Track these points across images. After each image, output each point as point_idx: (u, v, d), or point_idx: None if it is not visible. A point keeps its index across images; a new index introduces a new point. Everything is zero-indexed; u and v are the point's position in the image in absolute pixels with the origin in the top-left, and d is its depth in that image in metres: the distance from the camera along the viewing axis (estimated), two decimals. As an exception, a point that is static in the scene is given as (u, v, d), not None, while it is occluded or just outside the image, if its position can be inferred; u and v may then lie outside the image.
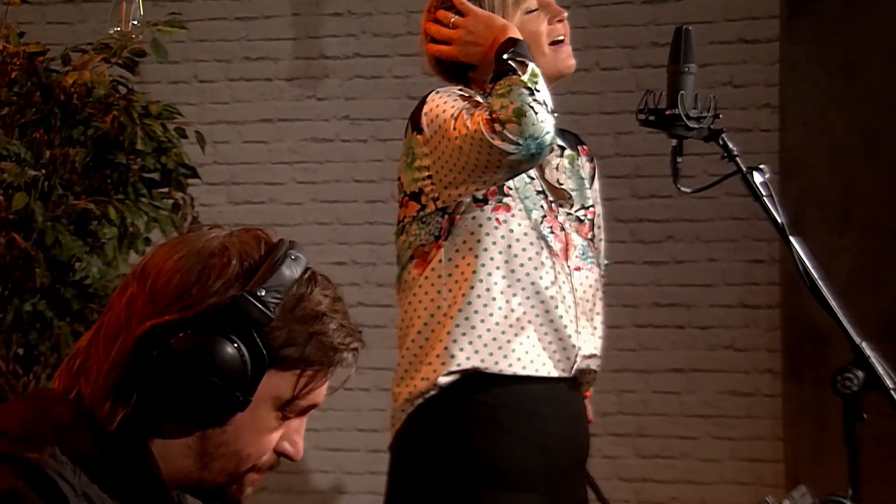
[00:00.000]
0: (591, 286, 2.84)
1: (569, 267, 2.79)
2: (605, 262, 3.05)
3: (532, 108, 2.60)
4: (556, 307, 2.74)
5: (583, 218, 2.89)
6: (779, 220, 2.47)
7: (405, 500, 2.78)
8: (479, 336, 2.72)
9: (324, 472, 4.51)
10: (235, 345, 1.59)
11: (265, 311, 1.60)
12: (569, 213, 2.85)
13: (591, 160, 2.97)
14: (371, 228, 4.61)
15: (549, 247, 2.76)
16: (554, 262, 2.76)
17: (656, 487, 3.82)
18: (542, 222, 2.77)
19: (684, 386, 4.28)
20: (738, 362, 4.28)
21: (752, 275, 4.30)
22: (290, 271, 1.63)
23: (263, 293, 1.60)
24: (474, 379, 2.71)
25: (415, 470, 2.76)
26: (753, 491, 4.09)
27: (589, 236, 2.89)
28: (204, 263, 1.63)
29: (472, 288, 2.72)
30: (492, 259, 2.73)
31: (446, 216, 2.77)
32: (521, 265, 2.73)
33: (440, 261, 2.77)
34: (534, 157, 2.64)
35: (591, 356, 2.83)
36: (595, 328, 2.86)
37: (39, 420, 1.59)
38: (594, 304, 2.86)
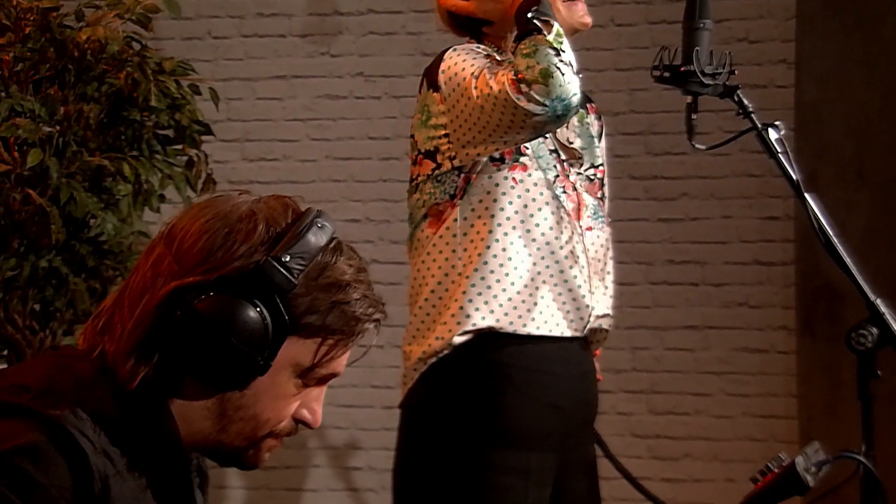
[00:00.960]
0: (602, 246, 2.85)
1: (581, 227, 2.79)
2: (608, 220, 3.06)
3: (559, 68, 2.59)
4: (571, 267, 2.74)
5: (592, 177, 2.88)
6: (794, 177, 2.47)
7: (416, 458, 2.78)
8: (495, 296, 2.72)
9: (338, 427, 4.53)
10: (258, 309, 1.60)
11: (289, 276, 1.61)
12: (579, 173, 2.85)
13: (598, 118, 2.96)
14: (385, 185, 4.60)
15: (562, 206, 2.76)
16: (567, 222, 2.76)
17: (670, 444, 3.84)
18: (555, 182, 2.77)
19: (698, 343, 4.29)
20: (753, 319, 4.28)
21: (767, 232, 4.29)
22: (316, 239, 1.64)
23: (288, 259, 1.61)
24: (488, 339, 2.71)
25: (426, 429, 2.76)
26: (767, 447, 4.10)
27: (598, 195, 2.88)
28: (230, 227, 1.64)
29: (487, 248, 2.72)
30: (508, 219, 2.73)
31: (462, 175, 2.76)
32: (537, 225, 2.73)
33: (455, 220, 2.76)
34: (559, 119, 2.63)
35: (604, 316, 2.83)
36: (606, 287, 2.87)
37: (61, 377, 1.61)
38: (605, 264, 2.86)
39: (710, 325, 4.29)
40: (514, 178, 2.74)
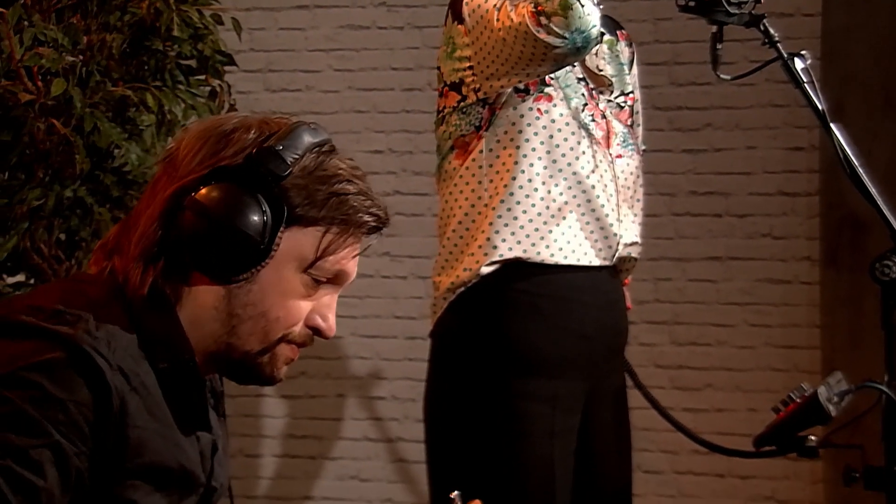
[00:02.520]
0: (632, 173, 2.84)
1: (610, 155, 2.79)
2: (643, 147, 3.04)
3: (578, 0, 2.58)
4: (598, 196, 2.74)
5: (623, 104, 2.87)
6: (819, 107, 2.46)
7: (445, 386, 2.82)
8: (521, 226, 2.73)
9: (362, 358, 4.55)
10: (255, 195, 1.63)
11: (282, 161, 1.64)
12: (609, 100, 2.84)
13: (629, 45, 2.94)
14: (408, 117, 4.59)
15: (590, 135, 2.76)
16: (595, 151, 2.76)
17: (692, 374, 3.85)
18: (583, 110, 2.76)
19: (721, 274, 4.28)
20: (776, 250, 4.27)
21: (792, 162, 4.27)
22: (310, 136, 1.68)
23: (281, 148, 1.65)
24: (515, 268, 2.73)
25: (455, 357, 2.79)
26: (789, 377, 4.10)
27: (629, 123, 2.88)
28: (224, 133, 1.69)
29: (513, 178, 2.73)
30: (533, 149, 2.73)
31: (487, 107, 2.76)
32: (563, 155, 2.73)
33: (481, 151, 2.78)
34: (579, 51, 2.62)
35: (632, 244, 2.83)
36: (636, 215, 2.87)
37: (74, 298, 1.63)
38: (635, 192, 2.86)
39: (734, 256, 4.28)
40: (538, 109, 2.73)
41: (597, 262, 2.76)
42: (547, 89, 2.74)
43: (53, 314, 1.59)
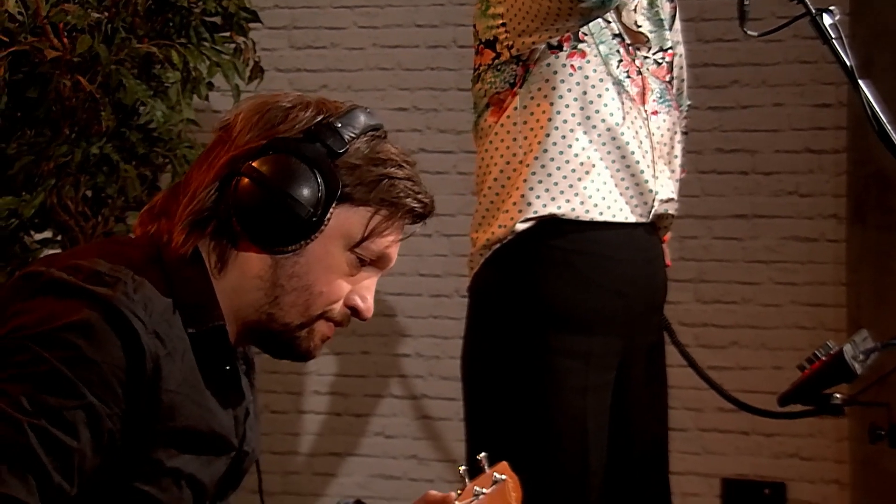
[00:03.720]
0: (668, 129, 2.84)
1: (645, 111, 2.79)
2: (688, 103, 3.05)
3: None
4: (632, 152, 2.74)
5: (660, 61, 2.87)
6: (848, 63, 2.44)
7: (482, 341, 2.83)
8: (556, 183, 2.73)
9: (387, 315, 4.56)
10: (311, 168, 1.65)
11: (340, 139, 1.66)
12: (646, 57, 2.83)
13: (671, 0, 2.93)
14: (433, 74, 4.58)
15: (625, 91, 2.76)
16: (630, 107, 2.75)
17: (717, 332, 3.84)
18: (618, 67, 2.76)
19: (747, 232, 4.26)
20: (802, 208, 4.25)
21: (819, 119, 4.24)
22: (367, 119, 1.71)
23: (339, 126, 1.66)
24: (550, 225, 2.73)
25: (491, 312, 2.81)
26: (815, 335, 4.10)
27: (667, 79, 2.87)
28: (283, 109, 1.70)
29: (547, 135, 2.73)
30: (567, 106, 2.72)
31: (521, 64, 2.77)
32: (597, 111, 2.73)
33: (515, 108, 2.78)
34: (604, 5, 2.62)
35: (669, 200, 2.83)
36: (673, 171, 2.87)
37: (113, 260, 1.64)
38: (672, 148, 2.86)
39: (760, 213, 4.26)
40: (572, 66, 2.73)
41: (633, 219, 2.76)
42: (580, 45, 2.73)
43: (92, 275, 1.60)
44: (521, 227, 2.73)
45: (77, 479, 1.53)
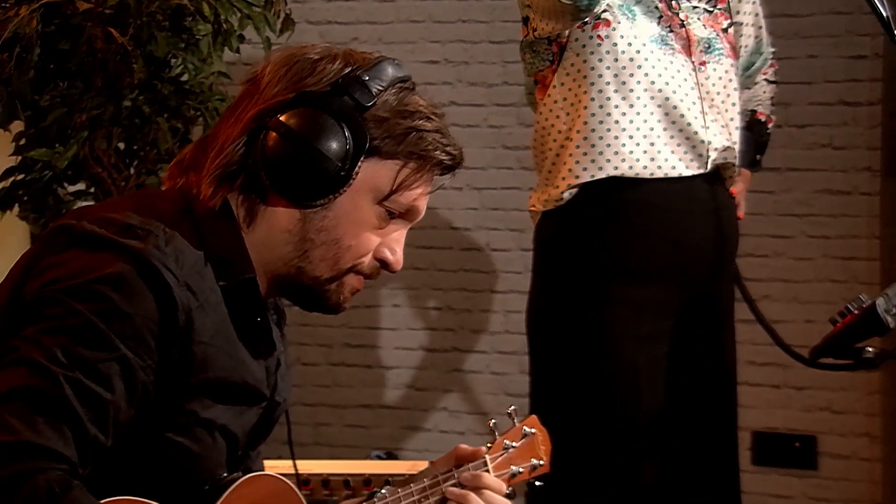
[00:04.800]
0: (720, 78, 2.84)
1: (692, 62, 2.80)
2: (771, 49, 3.06)
3: None
4: (678, 105, 2.77)
5: (712, 9, 2.86)
6: (883, 14, 2.41)
7: (543, 293, 2.92)
8: (601, 153, 2.78)
9: (417, 268, 4.57)
10: (339, 122, 1.64)
11: (367, 92, 1.65)
12: (695, 7, 2.83)
13: None
14: (464, 26, 4.55)
15: (666, 46, 2.78)
16: (672, 61, 2.77)
17: (749, 285, 3.80)
18: (658, 23, 2.77)
19: (780, 185, 4.24)
20: (836, 161, 4.22)
21: (854, 71, 4.20)
22: (394, 71, 1.70)
23: (367, 78, 1.65)
24: (604, 186, 2.79)
25: (550, 265, 2.89)
26: (847, 289, 4.07)
27: (723, 26, 2.87)
28: (310, 62, 1.69)
29: (585, 108, 2.78)
30: (600, 76, 2.77)
31: (554, 42, 2.84)
32: (631, 75, 2.76)
33: (554, 86, 2.85)
34: (590, 7, 2.71)
35: (726, 149, 2.84)
36: (732, 119, 2.88)
37: (144, 213, 1.64)
38: (728, 96, 2.86)
39: (792, 167, 4.23)
40: (598, 36, 2.77)
41: (688, 172, 2.80)
42: (604, 14, 2.77)
43: (124, 228, 1.61)
44: (570, 193, 2.80)
45: (112, 430, 1.55)
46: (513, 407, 2.01)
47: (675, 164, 2.78)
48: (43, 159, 3.39)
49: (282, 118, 1.65)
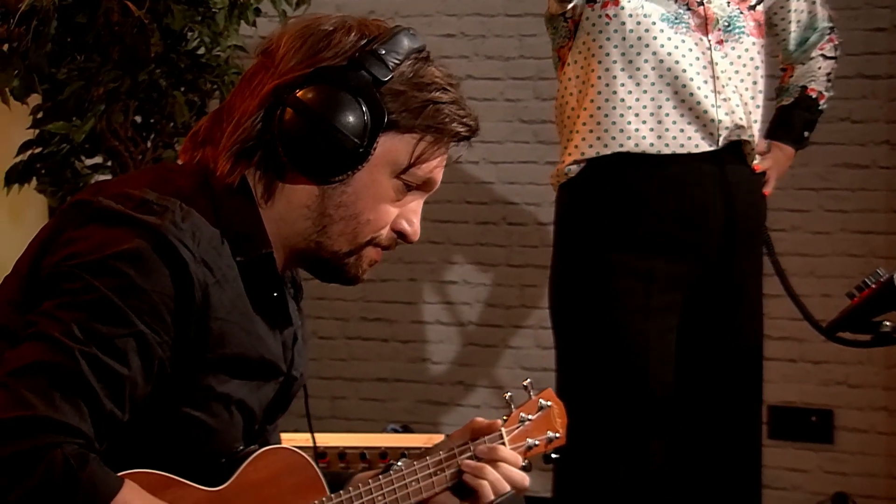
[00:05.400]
0: (739, 57, 2.85)
1: (709, 41, 2.80)
2: (827, 24, 3.06)
3: None
4: (685, 85, 2.79)
5: None
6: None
7: (559, 263, 2.97)
8: (606, 130, 2.82)
9: (433, 242, 4.57)
10: (356, 97, 1.64)
11: (384, 66, 1.64)
12: None
13: None
14: (480, 0, 4.54)
15: (680, 24, 2.78)
16: (685, 39, 2.78)
17: (765, 260, 3.78)
18: (675, 1, 2.78)
19: (797, 159, 4.19)
20: (854, 134, 4.20)
21: (873, 44, 4.17)
22: (410, 42, 1.69)
23: (383, 52, 1.65)
24: (611, 161, 2.83)
25: (563, 236, 2.96)
26: (865, 263, 4.06)
27: (751, 3, 2.87)
28: (326, 33, 1.68)
29: (592, 86, 2.82)
30: (607, 55, 2.80)
31: (569, 20, 2.88)
32: (638, 53, 2.79)
33: (569, 64, 2.90)
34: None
35: (739, 127, 2.84)
36: (752, 98, 2.88)
37: (162, 189, 1.64)
38: (747, 75, 2.86)
39: (811, 140, 4.21)
40: (607, 15, 2.80)
41: (697, 149, 2.81)
42: None
43: (141, 203, 1.61)
44: (577, 168, 2.85)
45: (128, 405, 1.55)
46: (528, 380, 2.01)
47: (684, 141, 2.81)
48: (60, 133, 3.39)
49: (299, 94, 1.65)
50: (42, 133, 3.48)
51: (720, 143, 2.83)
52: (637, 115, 2.78)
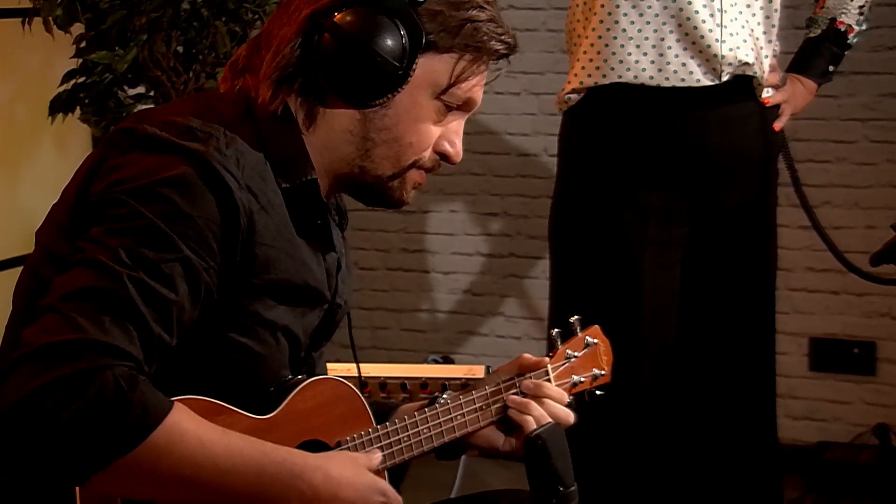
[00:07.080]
0: None
1: None
2: None
3: None
4: (689, 18, 2.76)
5: None
6: None
7: (559, 192, 2.98)
8: (605, 60, 2.80)
9: (474, 174, 4.57)
10: (394, 19, 1.64)
11: None
12: None
13: None
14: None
15: None
16: None
17: (809, 191, 3.74)
18: None
19: (843, 89, 4.17)
20: (901, 63, 4.15)
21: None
22: None
23: None
24: (610, 91, 2.81)
25: (564, 162, 2.98)
26: (910, 194, 4.04)
27: None
28: None
29: (595, 15, 2.80)
30: None
31: None
32: None
33: None
34: None
35: (744, 64, 2.81)
36: (765, 33, 2.84)
37: (205, 116, 1.64)
38: (759, 9, 2.83)
39: (856, 70, 4.16)
40: None
41: (699, 84, 2.78)
42: None
43: (185, 130, 1.61)
44: (577, 96, 2.85)
45: (176, 330, 1.56)
46: (576, 316, 2.01)
47: (685, 75, 2.78)
48: (103, 62, 3.40)
49: (336, 19, 1.64)
50: (85, 63, 3.49)
51: (722, 79, 2.79)
52: (638, 46, 2.76)
